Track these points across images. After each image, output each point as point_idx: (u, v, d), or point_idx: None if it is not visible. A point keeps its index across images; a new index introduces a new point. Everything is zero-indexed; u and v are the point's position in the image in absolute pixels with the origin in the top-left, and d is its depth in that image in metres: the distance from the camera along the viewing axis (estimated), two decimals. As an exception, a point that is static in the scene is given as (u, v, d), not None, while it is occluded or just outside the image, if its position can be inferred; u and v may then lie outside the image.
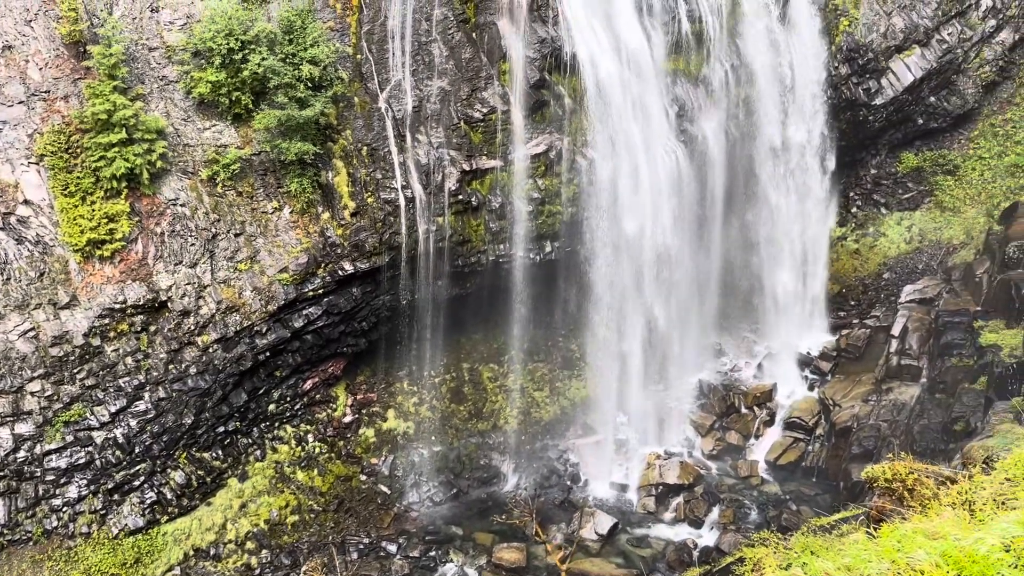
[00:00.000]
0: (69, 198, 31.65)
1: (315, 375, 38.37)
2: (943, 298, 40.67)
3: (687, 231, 40.00)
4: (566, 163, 37.57)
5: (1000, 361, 33.88)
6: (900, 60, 43.84)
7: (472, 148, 36.46)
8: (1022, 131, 45.68)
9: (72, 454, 32.30)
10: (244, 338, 34.73)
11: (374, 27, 35.33)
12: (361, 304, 37.47)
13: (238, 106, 33.65)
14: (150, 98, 33.04)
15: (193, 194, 33.57)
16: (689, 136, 39.34)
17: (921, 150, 47.13)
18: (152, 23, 33.01)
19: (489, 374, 41.38)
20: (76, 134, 31.75)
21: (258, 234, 34.43)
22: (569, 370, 42.28)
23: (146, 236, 32.84)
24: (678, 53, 38.64)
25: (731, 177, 41.21)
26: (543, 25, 35.66)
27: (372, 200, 35.70)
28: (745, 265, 44.17)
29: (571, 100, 37.04)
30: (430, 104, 35.81)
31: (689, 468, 38.86)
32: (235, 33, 32.08)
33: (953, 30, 44.68)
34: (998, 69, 46.46)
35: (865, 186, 47.63)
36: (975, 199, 45.39)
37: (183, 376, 33.74)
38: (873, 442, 36.76)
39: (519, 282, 38.77)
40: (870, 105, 44.34)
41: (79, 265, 31.90)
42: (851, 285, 45.58)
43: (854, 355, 42.52)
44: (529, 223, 37.74)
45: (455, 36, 35.56)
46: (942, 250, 44.63)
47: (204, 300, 33.64)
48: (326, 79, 34.15)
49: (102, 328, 32.13)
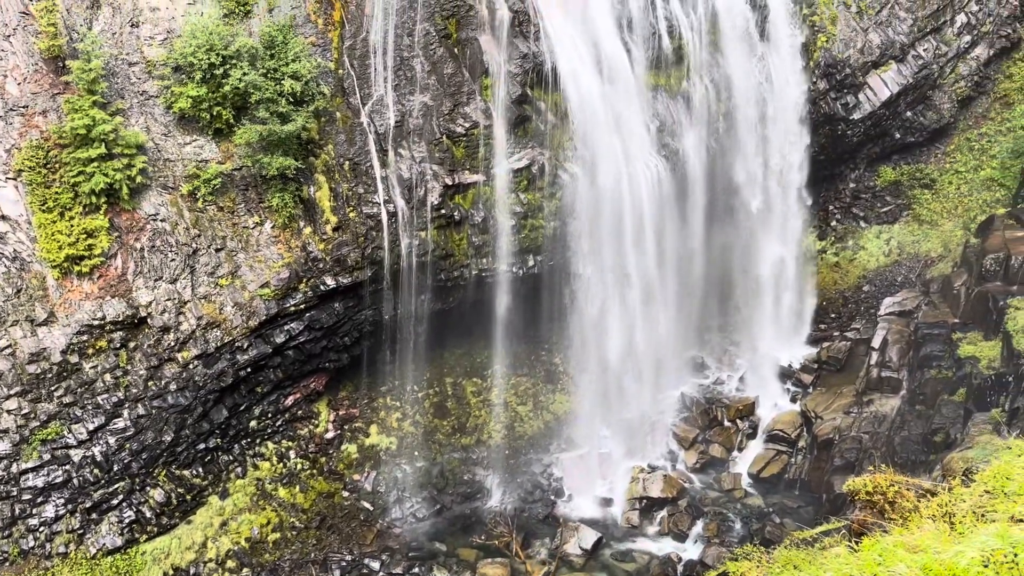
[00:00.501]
0: (47, 213, 31.35)
1: (297, 391, 38.11)
2: (922, 310, 41.05)
3: (669, 245, 40.19)
4: (548, 177, 37.70)
5: (978, 373, 34.20)
6: (877, 75, 44.43)
7: (455, 162, 36.50)
8: (997, 145, 46.35)
9: (49, 473, 31.84)
10: (225, 354, 34.46)
11: (356, 42, 35.37)
12: (343, 319, 37.30)
13: (219, 121, 33.52)
14: (130, 113, 32.85)
15: (173, 209, 33.36)
16: (670, 150, 39.59)
17: (899, 164, 47.73)
18: (132, 38, 32.88)
19: (472, 388, 41.28)
20: (55, 149, 31.50)
21: (239, 249, 34.24)
22: (552, 384, 42.27)
23: (125, 252, 32.57)
24: (659, 69, 38.94)
25: (712, 191, 41.50)
26: (525, 41, 35.84)
27: (354, 215, 35.62)
28: (726, 278, 44.42)
29: (553, 115, 37.21)
30: (412, 119, 35.85)
31: (673, 481, 38.87)
32: (216, 48, 32.00)
33: (929, 46, 45.35)
34: (973, 84, 47.19)
35: (844, 200, 48.10)
36: (952, 212, 45.96)
37: (163, 393, 33.40)
38: (855, 454, 36.95)
39: (502, 296, 38.76)
40: (848, 120, 44.87)
41: (57, 281, 31.57)
42: (832, 298, 45.94)
43: (835, 367, 42.80)
44: (512, 237, 37.79)
45: (437, 51, 35.66)
46: (920, 263, 45.10)
47: (184, 316, 33.37)
48: (308, 94, 34.11)
49: (80, 345, 31.78)
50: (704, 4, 38.75)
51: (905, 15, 44.53)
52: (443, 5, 35.24)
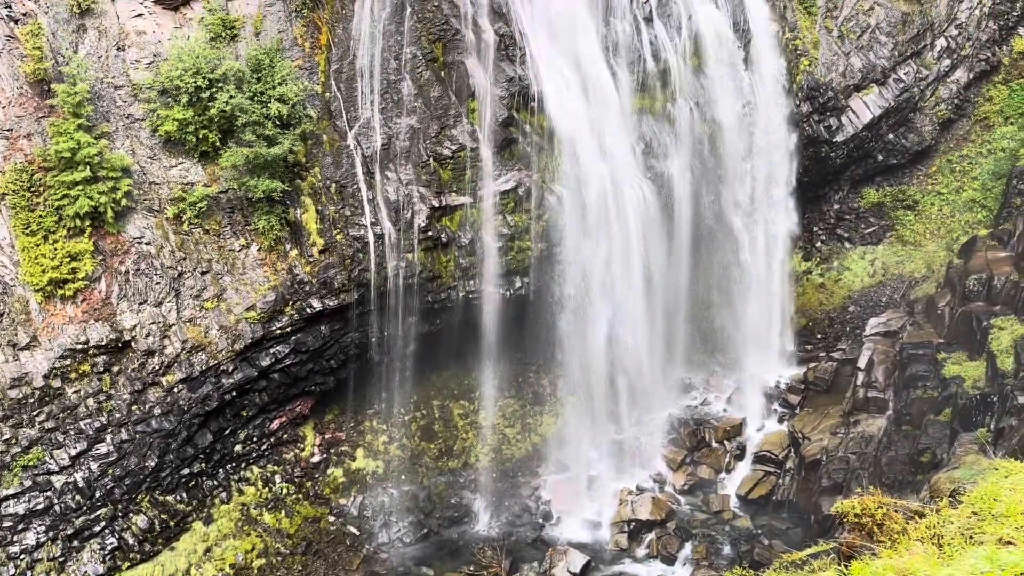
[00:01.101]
0: (31, 237, 31.11)
1: (283, 414, 37.81)
2: (907, 331, 41.29)
3: (655, 267, 40.33)
4: (535, 199, 37.82)
5: (964, 392, 34.38)
6: (859, 98, 44.98)
7: (441, 185, 36.56)
8: (978, 167, 46.95)
9: (30, 499, 31.36)
10: (210, 378, 34.18)
11: (343, 66, 35.48)
12: (330, 342, 37.11)
13: (205, 144, 33.47)
14: (115, 136, 32.76)
15: (159, 232, 33.20)
16: (656, 173, 39.83)
17: (882, 186, 48.24)
18: (118, 61, 32.85)
19: (460, 411, 41.09)
20: (39, 172, 31.32)
21: (225, 272, 34.08)
22: (540, 406, 42.14)
23: (110, 275, 32.34)
24: (644, 92, 39.25)
25: (697, 213, 41.75)
26: (511, 64, 36.07)
27: (341, 237, 35.56)
28: (712, 300, 44.60)
29: (539, 137, 37.39)
30: (399, 141, 35.93)
31: (661, 503, 38.73)
32: (203, 71, 32.01)
33: (909, 70, 46.00)
34: (954, 107, 47.86)
35: (828, 221, 48.50)
36: (935, 233, 46.42)
37: (147, 417, 33.05)
38: (842, 475, 36.96)
39: (489, 318, 38.71)
40: (831, 142, 45.34)
41: (40, 305, 31.27)
42: (817, 318, 46.18)
43: (822, 388, 42.93)
44: (499, 259, 37.81)
45: (424, 75, 35.82)
46: (905, 283, 45.46)
47: (169, 339, 33.11)
48: (294, 117, 34.15)
49: (63, 369, 31.44)
50: (688, 28, 39.18)
51: (886, 39, 45.17)
52: (429, 29, 35.45)
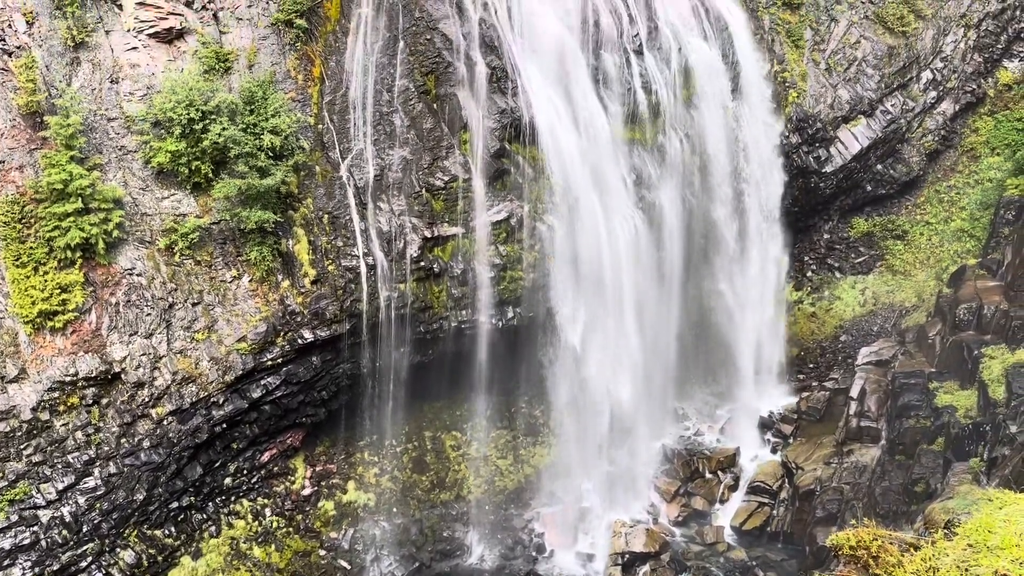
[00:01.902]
0: (21, 269, 30.98)
1: (273, 447, 37.49)
2: (898, 360, 41.39)
3: (647, 296, 40.41)
4: (527, 230, 37.94)
5: (956, 422, 34.39)
6: (847, 130, 45.49)
7: (434, 215, 36.66)
8: (966, 197, 47.42)
9: (16, 534, 30.88)
10: (200, 409, 33.92)
11: (335, 98, 35.72)
12: (321, 373, 36.93)
13: (198, 175, 33.52)
14: (108, 167, 32.79)
15: (150, 263, 33.12)
16: (647, 203, 40.06)
17: (871, 215, 48.64)
18: (112, 94, 32.99)
19: (452, 442, 40.83)
20: (30, 204, 31.28)
21: (216, 303, 33.96)
22: (532, 437, 41.92)
23: (100, 306, 32.19)
24: (634, 123, 39.62)
25: (688, 243, 41.94)
26: (503, 96, 36.38)
27: (333, 268, 35.55)
28: (704, 330, 44.65)
29: (531, 168, 37.60)
30: (392, 172, 36.08)
31: (655, 535, 38.42)
32: (196, 103, 32.17)
33: (896, 101, 46.60)
34: (940, 138, 48.44)
35: (819, 250, 48.80)
36: (924, 263, 46.74)
37: (136, 450, 32.71)
38: (836, 505, 36.80)
39: (481, 348, 38.63)
40: (821, 172, 45.75)
41: (29, 337, 31.06)
42: (809, 348, 46.26)
43: (815, 417, 42.89)
44: (491, 289, 37.83)
45: (416, 107, 36.08)
46: (895, 312, 45.66)
47: (159, 371, 32.89)
48: (287, 148, 34.28)
49: (51, 402, 31.15)
50: (678, 61, 39.64)
51: (872, 72, 45.80)
52: (422, 62, 35.77)
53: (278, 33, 35.02)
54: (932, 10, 47.09)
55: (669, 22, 39.27)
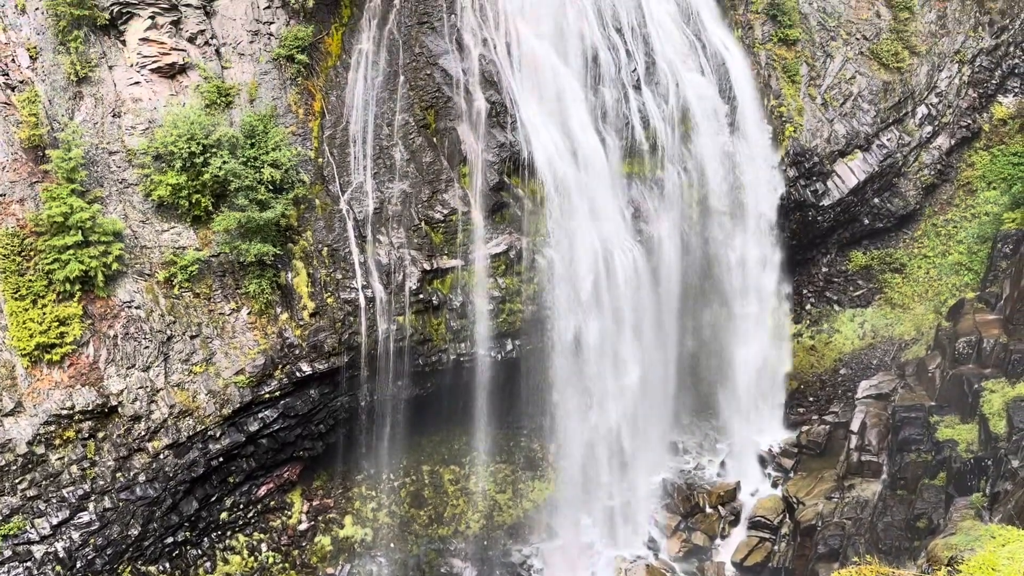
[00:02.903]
0: (19, 301, 30.96)
1: (270, 481, 37.19)
2: (898, 393, 41.23)
3: (646, 329, 40.37)
4: (526, 262, 38.02)
5: (958, 456, 34.18)
6: (844, 163, 45.80)
7: (433, 248, 36.76)
8: (963, 231, 47.60)
9: (10, 570, 30.51)
10: (197, 443, 33.70)
11: (336, 132, 35.98)
12: (319, 406, 36.75)
13: (198, 208, 33.65)
14: (108, 200, 32.92)
15: (149, 296, 33.11)
16: (645, 236, 40.18)
17: (869, 249, 48.79)
18: (114, 128, 33.22)
19: (450, 476, 40.51)
20: (30, 237, 31.35)
21: (215, 336, 33.90)
22: (532, 471, 41.60)
23: (98, 339, 32.12)
24: (632, 157, 39.88)
25: (687, 276, 42.00)
26: (502, 131, 36.66)
27: (332, 300, 35.54)
28: (703, 363, 44.54)
29: (530, 201, 37.79)
30: (391, 205, 36.23)
31: (656, 572, 38.00)
32: (197, 137, 32.37)
33: (892, 136, 46.96)
34: (937, 172, 48.74)
35: (817, 283, 48.87)
36: (923, 296, 46.78)
37: (131, 484, 32.43)
38: (838, 540, 36.44)
39: (480, 381, 38.50)
40: (818, 206, 45.96)
41: (26, 370, 30.94)
42: (809, 381, 46.12)
43: (815, 451, 42.63)
44: (490, 321, 37.80)
45: (416, 141, 36.33)
46: (895, 346, 45.59)
47: (156, 404, 32.73)
48: (287, 182, 34.46)
49: (47, 435, 30.95)
50: (675, 96, 40.02)
51: (868, 107, 46.22)
52: (422, 97, 36.09)
53: (279, 68, 35.37)
54: (926, 46, 47.65)
55: (666, 58, 39.71)
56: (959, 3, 48.82)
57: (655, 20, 39.69)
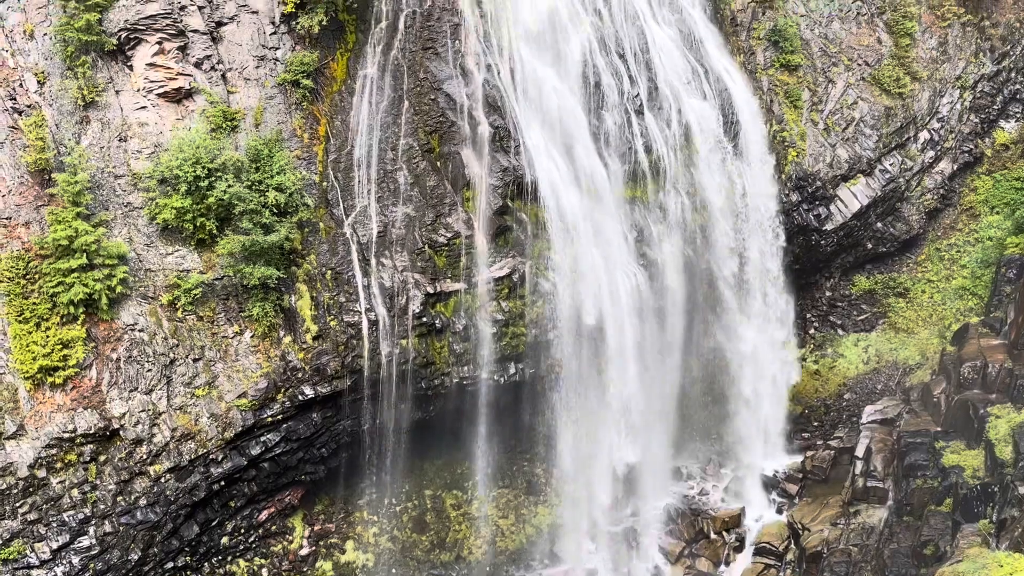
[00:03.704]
0: (23, 324, 31.00)
1: (271, 505, 36.99)
2: (904, 418, 41.01)
3: (649, 354, 40.27)
4: (529, 285, 38.04)
5: (964, 482, 33.94)
6: (847, 188, 45.90)
7: (436, 271, 36.81)
8: (967, 255, 47.57)
9: (7, 595, 30.33)
10: (199, 467, 33.57)
11: (340, 156, 36.18)
12: (321, 430, 36.64)
13: (202, 231, 33.77)
14: (113, 224, 33.06)
15: (152, 319, 33.15)
16: (648, 260, 40.20)
17: (872, 273, 48.74)
18: (120, 152, 33.44)
19: (452, 501, 40.25)
20: (35, 260, 31.46)
21: (217, 359, 33.88)
22: (535, 496, 41.33)
23: (101, 362, 32.12)
24: (635, 181, 40.00)
25: (690, 300, 41.95)
26: (505, 155, 36.83)
27: (335, 323, 35.55)
28: (707, 387, 44.37)
29: (533, 225, 37.87)
30: (395, 229, 36.33)
31: (659, 598, 37.64)
32: (202, 161, 32.57)
33: (894, 161, 47.09)
34: (939, 197, 48.82)
35: (821, 308, 48.78)
36: (927, 320, 46.66)
37: (132, 508, 32.27)
38: (844, 568, 36.10)
39: (483, 405, 38.38)
40: (821, 230, 46.00)
41: (29, 393, 30.92)
42: (813, 406, 45.90)
43: (820, 477, 42.31)
44: (493, 345, 37.75)
45: (420, 165, 36.51)
46: (899, 370, 45.41)
47: (158, 428, 32.65)
48: (292, 205, 34.60)
49: (49, 459, 30.86)
50: (678, 121, 40.22)
51: (870, 132, 46.39)
52: (426, 121, 36.32)
53: (285, 93, 35.65)
54: (927, 72, 47.91)
55: (669, 83, 39.95)
56: (960, 29, 49.17)
57: (658, 46, 39.98)
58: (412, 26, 36.29)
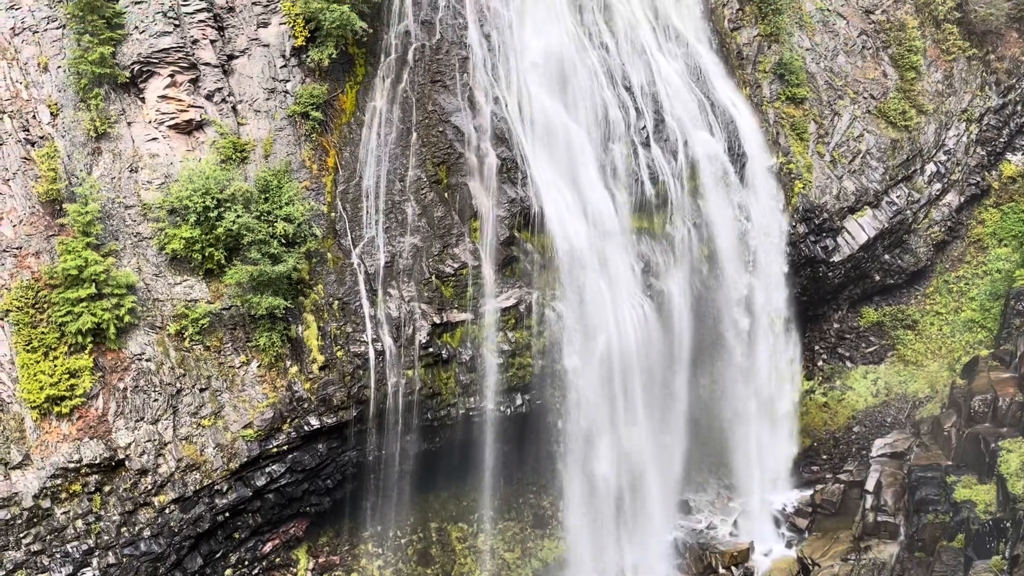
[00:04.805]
0: (31, 354, 31.07)
1: (276, 536, 36.70)
2: (914, 452, 40.62)
3: (656, 385, 40.07)
4: (536, 316, 38.01)
5: (976, 518, 33.52)
6: (854, 220, 45.93)
7: (443, 301, 36.83)
8: (975, 288, 47.42)
9: (9, 627, 30.06)
10: (203, 498, 33.38)
11: (349, 187, 36.42)
12: (327, 461, 36.45)
13: (211, 262, 33.92)
14: (123, 254, 33.25)
15: (159, 348, 33.19)
16: (655, 291, 40.18)
17: (880, 305, 48.59)
18: (131, 182, 33.73)
19: (458, 534, 39.89)
20: (45, 289, 31.61)
21: (224, 389, 33.85)
22: (541, 529, 40.93)
23: (108, 391, 32.12)
24: (642, 212, 40.11)
25: (697, 331, 41.83)
26: (512, 186, 37.02)
27: (342, 353, 35.53)
28: (714, 419, 44.07)
29: (540, 256, 37.95)
30: (402, 259, 36.44)
31: (667, 635, 37.09)
32: (212, 192, 32.80)
33: (901, 193, 47.17)
34: (947, 229, 48.79)
35: (829, 340, 48.58)
36: (936, 353, 46.41)
37: (135, 540, 32.06)
38: (855, 605, 35.59)
39: (489, 436, 38.16)
40: (828, 262, 45.96)
41: (35, 423, 30.90)
42: (822, 439, 45.53)
43: (830, 511, 41.85)
44: (499, 375, 37.64)
45: (428, 196, 36.71)
46: (909, 403, 45.09)
47: (164, 458, 32.54)
48: (300, 235, 34.76)
49: (53, 489, 30.75)
50: (684, 153, 40.40)
51: (877, 164, 46.53)
52: (434, 153, 36.58)
53: (294, 125, 36.00)
54: (933, 105, 48.14)
55: (675, 116, 40.21)
56: (965, 63, 49.48)
57: (664, 79, 40.32)
58: (421, 59, 36.72)
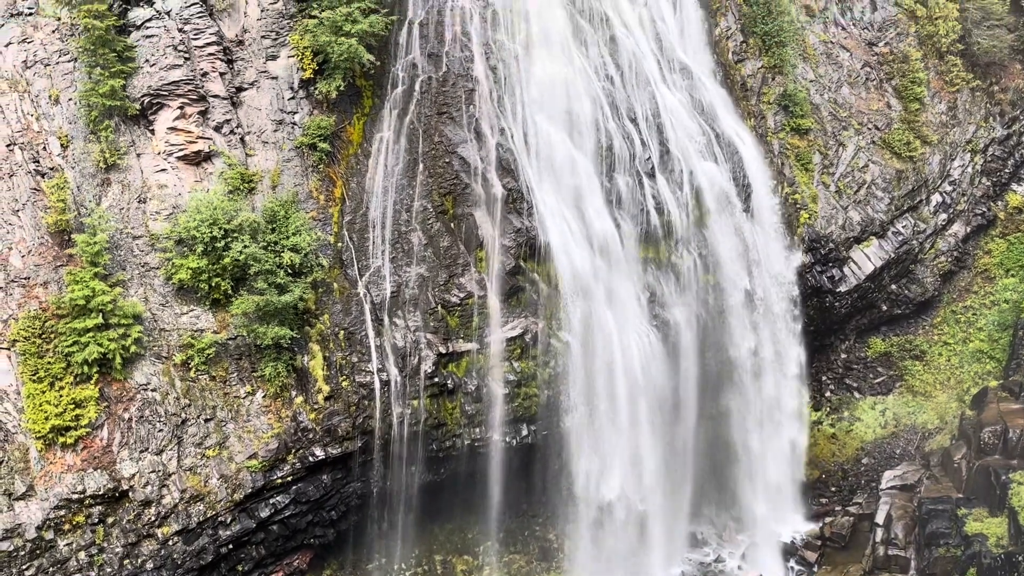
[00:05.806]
0: (37, 384, 31.08)
1: (279, 569, 36.36)
2: (924, 484, 40.20)
3: (662, 416, 39.83)
4: (542, 346, 37.93)
5: (987, 552, 33.08)
6: (860, 250, 45.92)
7: (449, 331, 36.81)
8: (983, 318, 47.22)
9: (9, 661, 29.74)
10: (207, 529, 33.16)
11: (355, 217, 36.60)
12: (331, 492, 36.22)
13: (217, 291, 34.02)
14: (130, 284, 33.38)
15: (165, 379, 33.19)
16: (661, 321, 40.10)
17: (888, 335, 48.39)
18: (139, 213, 33.96)
19: (463, 567, 39.47)
20: (52, 319, 31.71)
21: (229, 419, 33.77)
22: (547, 562, 40.48)
23: (113, 422, 32.07)
24: (648, 242, 40.16)
25: (703, 361, 41.63)
26: (518, 216, 37.16)
27: (347, 383, 35.46)
28: (722, 450, 43.70)
29: (546, 286, 37.96)
30: (408, 289, 36.51)
31: (675, 671, 36.47)
32: (219, 222, 33.00)
33: (907, 223, 47.19)
34: (954, 259, 48.72)
35: (837, 370, 48.33)
36: (945, 384, 46.11)
37: (138, 572, 31.79)
38: (867, 640, 35.01)
39: (495, 467, 37.90)
40: (835, 292, 45.87)
41: (40, 453, 30.83)
42: (830, 470, 45.11)
43: (839, 544, 41.34)
44: (505, 406, 37.48)
45: (434, 226, 36.86)
46: (918, 435, 44.72)
47: (168, 489, 32.39)
48: (306, 266, 34.88)
49: (57, 520, 30.59)
50: (690, 183, 40.55)
51: (882, 194, 46.61)
52: (440, 184, 36.79)
53: (302, 156, 36.28)
54: (938, 136, 48.31)
55: (680, 146, 40.41)
56: (969, 94, 49.72)
57: (669, 110, 40.58)
58: (428, 91, 37.07)
